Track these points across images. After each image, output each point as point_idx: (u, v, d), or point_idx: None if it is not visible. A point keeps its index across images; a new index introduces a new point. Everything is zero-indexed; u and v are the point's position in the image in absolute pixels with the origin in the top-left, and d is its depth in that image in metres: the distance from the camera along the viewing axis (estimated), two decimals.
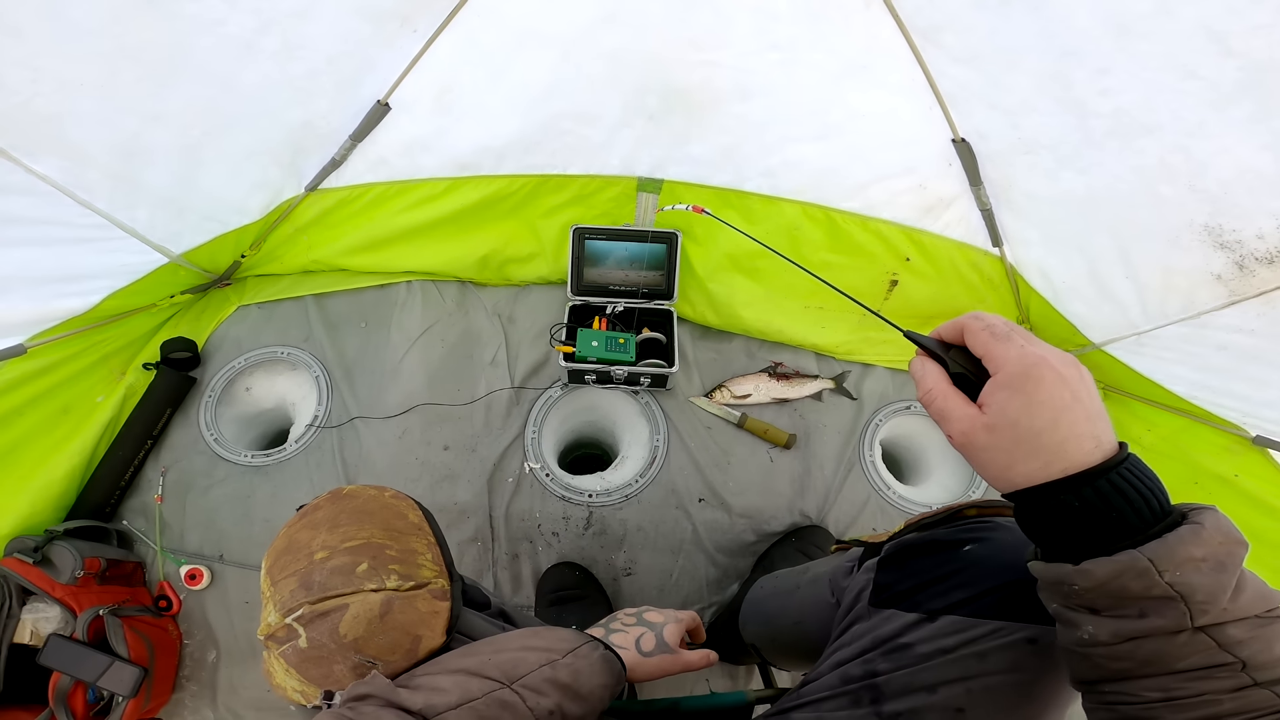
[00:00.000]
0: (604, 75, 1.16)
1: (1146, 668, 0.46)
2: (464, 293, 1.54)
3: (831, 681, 0.68)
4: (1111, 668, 0.48)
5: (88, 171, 1.05)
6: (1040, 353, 0.48)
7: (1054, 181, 1.10)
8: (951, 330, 0.54)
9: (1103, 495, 0.45)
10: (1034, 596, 0.58)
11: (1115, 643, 0.47)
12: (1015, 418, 0.47)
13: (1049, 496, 0.47)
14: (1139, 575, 0.44)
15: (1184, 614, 0.44)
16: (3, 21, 0.77)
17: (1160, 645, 0.45)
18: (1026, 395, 0.47)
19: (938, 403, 0.52)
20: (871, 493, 1.42)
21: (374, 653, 0.65)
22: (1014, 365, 0.48)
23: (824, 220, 1.35)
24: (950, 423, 0.51)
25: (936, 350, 0.53)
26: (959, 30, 0.94)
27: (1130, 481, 0.46)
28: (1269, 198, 0.89)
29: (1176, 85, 0.81)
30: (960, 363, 0.52)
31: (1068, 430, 0.46)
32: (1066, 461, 0.46)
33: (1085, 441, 0.46)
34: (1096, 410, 0.48)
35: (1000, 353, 0.49)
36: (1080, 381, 0.48)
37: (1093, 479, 0.46)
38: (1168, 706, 0.46)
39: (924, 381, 0.53)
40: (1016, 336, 0.49)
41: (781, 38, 1.05)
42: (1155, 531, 0.45)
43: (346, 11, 0.98)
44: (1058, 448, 0.46)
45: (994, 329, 0.50)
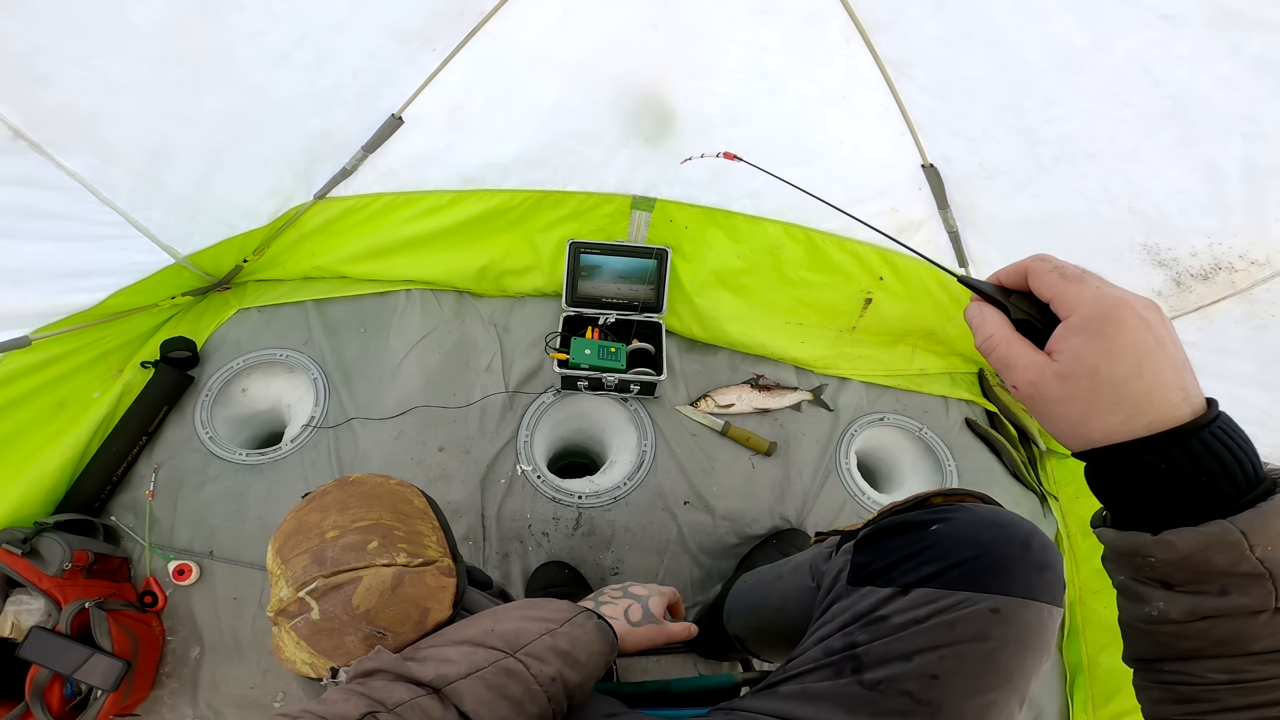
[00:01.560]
0: (607, 99, 1.26)
1: (1218, 648, 0.43)
2: (461, 302, 1.60)
3: (815, 655, 0.70)
4: (1179, 647, 0.45)
5: (114, 170, 1.10)
6: (1118, 294, 0.44)
7: (1011, 204, 1.21)
8: (1012, 274, 0.49)
9: (1193, 457, 0.41)
10: (995, 569, 0.63)
11: (1188, 621, 0.44)
12: (1093, 364, 0.43)
13: (1130, 456, 0.43)
14: (1228, 549, 0.41)
15: (1269, 593, 0.41)
16: (68, 20, 0.83)
17: (1238, 625, 0.42)
18: (1106, 339, 0.42)
19: (1000, 350, 0.47)
20: (847, 498, 1.49)
21: (385, 624, 0.68)
22: (1090, 307, 0.43)
23: (804, 240, 1.46)
24: (1015, 371, 0.47)
25: (996, 295, 0.49)
26: (927, 64, 1.06)
27: (1223, 442, 0.42)
28: (1199, 217, 0.99)
29: (1113, 113, 0.93)
30: (1023, 308, 0.48)
31: (1153, 379, 0.42)
32: (1151, 415, 0.42)
33: (1172, 393, 0.42)
34: (1183, 360, 0.44)
35: (1074, 294, 0.44)
36: (1164, 327, 0.44)
37: (1182, 438, 0.41)
38: (1233, 689, 0.43)
39: (983, 327, 0.49)
40: (1090, 278, 0.45)
41: (769, 69, 1.16)
42: (1248, 500, 0.41)
43: (377, 29, 1.07)
44: (1141, 399, 0.42)
45: (1064, 270, 0.46)
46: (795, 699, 0.69)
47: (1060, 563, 0.67)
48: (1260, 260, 0.97)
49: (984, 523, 0.67)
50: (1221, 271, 1.02)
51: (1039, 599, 0.63)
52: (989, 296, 0.50)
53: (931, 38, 1.02)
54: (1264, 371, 1.09)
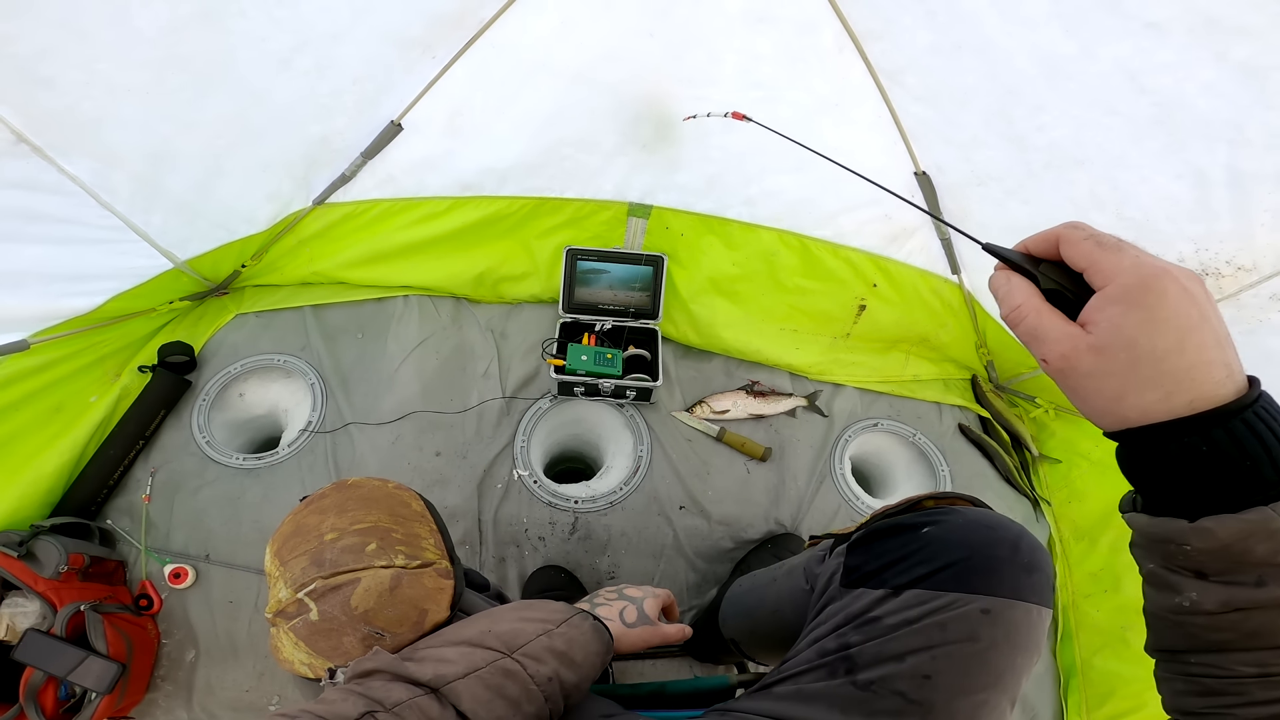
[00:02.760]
0: (604, 107, 1.27)
1: (1250, 641, 0.42)
2: (458, 308, 1.61)
3: (809, 656, 0.71)
4: (1208, 639, 0.44)
5: (115, 174, 1.11)
6: (1158, 264, 0.41)
7: (1003, 211, 1.23)
8: (1042, 243, 0.47)
9: (1237, 439, 0.39)
10: (985, 570, 0.63)
11: (1221, 613, 0.42)
12: (1133, 336, 0.40)
13: (1169, 437, 0.41)
14: (1270, 537, 0.39)
15: None
16: (72, 24, 0.84)
17: (1272, 618, 0.41)
18: (1147, 310, 0.40)
19: (1029, 320, 0.45)
20: (842, 503, 1.49)
21: (383, 624, 0.68)
22: (1130, 276, 0.41)
23: (798, 247, 1.47)
24: (1046, 344, 0.44)
25: (1024, 263, 0.47)
26: (919, 72, 1.08)
27: (1268, 423, 0.39)
28: (1186, 223, 1.01)
29: (1100, 121, 0.95)
30: (1054, 277, 0.45)
31: (1195, 354, 0.40)
32: (1194, 393, 0.40)
33: (1216, 370, 0.40)
34: (1225, 335, 0.41)
35: (1112, 262, 0.42)
36: (1208, 300, 0.41)
37: (1225, 418, 0.39)
38: (1261, 683, 0.42)
39: (1011, 297, 0.46)
40: (1129, 246, 0.43)
41: (764, 77, 1.18)
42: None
43: (377, 37, 1.08)
44: (1184, 374, 0.40)
45: (1100, 238, 0.43)
46: (790, 700, 0.69)
47: (1049, 564, 0.68)
48: (1247, 266, 0.99)
49: (974, 525, 0.67)
50: (1209, 277, 1.04)
51: (1028, 600, 0.63)
52: (1017, 265, 0.47)
53: (923, 47, 1.03)
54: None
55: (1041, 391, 1.57)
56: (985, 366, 1.65)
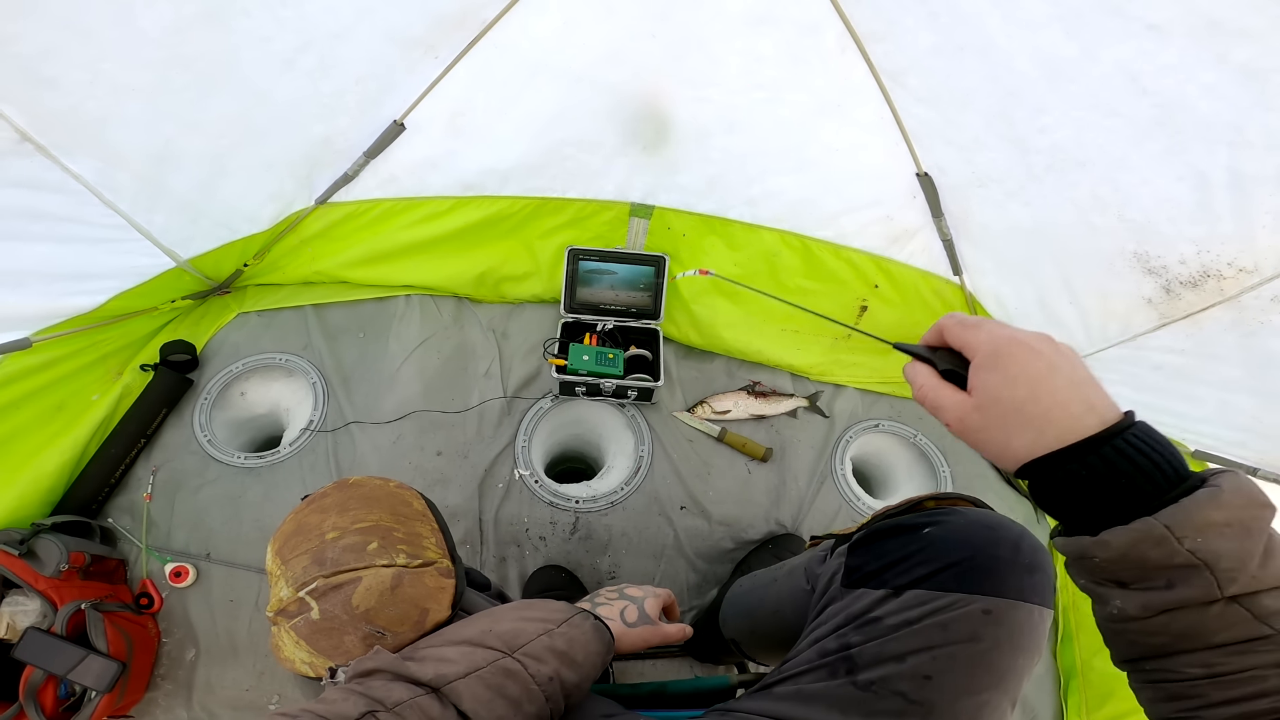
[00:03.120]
0: (606, 107, 1.28)
1: (1184, 642, 0.45)
2: (460, 308, 1.61)
3: (809, 656, 0.71)
4: (1149, 644, 0.48)
5: (118, 173, 1.12)
6: (1007, 332, 0.51)
7: (1004, 213, 1.23)
8: (933, 334, 0.57)
9: (1108, 462, 0.45)
10: (986, 571, 0.63)
11: (1146, 616, 0.46)
12: (996, 393, 0.49)
13: (1056, 468, 0.47)
14: (1157, 543, 0.43)
15: (1211, 583, 0.43)
16: (76, 24, 0.85)
17: (1194, 618, 0.44)
18: (1001, 371, 0.49)
19: (930, 397, 0.54)
20: (843, 504, 1.50)
21: (384, 624, 0.68)
22: (985, 346, 0.51)
23: (800, 248, 1.47)
24: (944, 411, 0.53)
25: (923, 354, 0.58)
26: (921, 73, 1.08)
27: (1137, 447, 0.45)
28: (1187, 225, 1.01)
29: (1101, 122, 0.95)
30: (947, 360, 0.55)
31: (1049, 399, 0.47)
32: (1058, 429, 0.47)
33: (1073, 407, 0.47)
34: (1081, 377, 0.49)
35: (973, 338, 0.52)
36: (1056, 353, 0.49)
37: (1096, 446, 0.45)
38: (1212, 683, 0.45)
39: (915, 380, 0.56)
40: (986, 323, 0.52)
41: (766, 78, 1.18)
42: (1172, 497, 0.44)
43: (380, 37, 1.09)
44: (1044, 417, 0.47)
45: (964, 321, 0.54)
46: (790, 700, 0.69)
47: (1050, 565, 0.68)
48: (1248, 268, 0.99)
49: (975, 525, 0.67)
50: (1210, 279, 1.04)
51: (1029, 600, 0.63)
52: (918, 355, 0.58)
53: (925, 48, 1.04)
54: (1253, 378, 1.10)
55: None
56: None
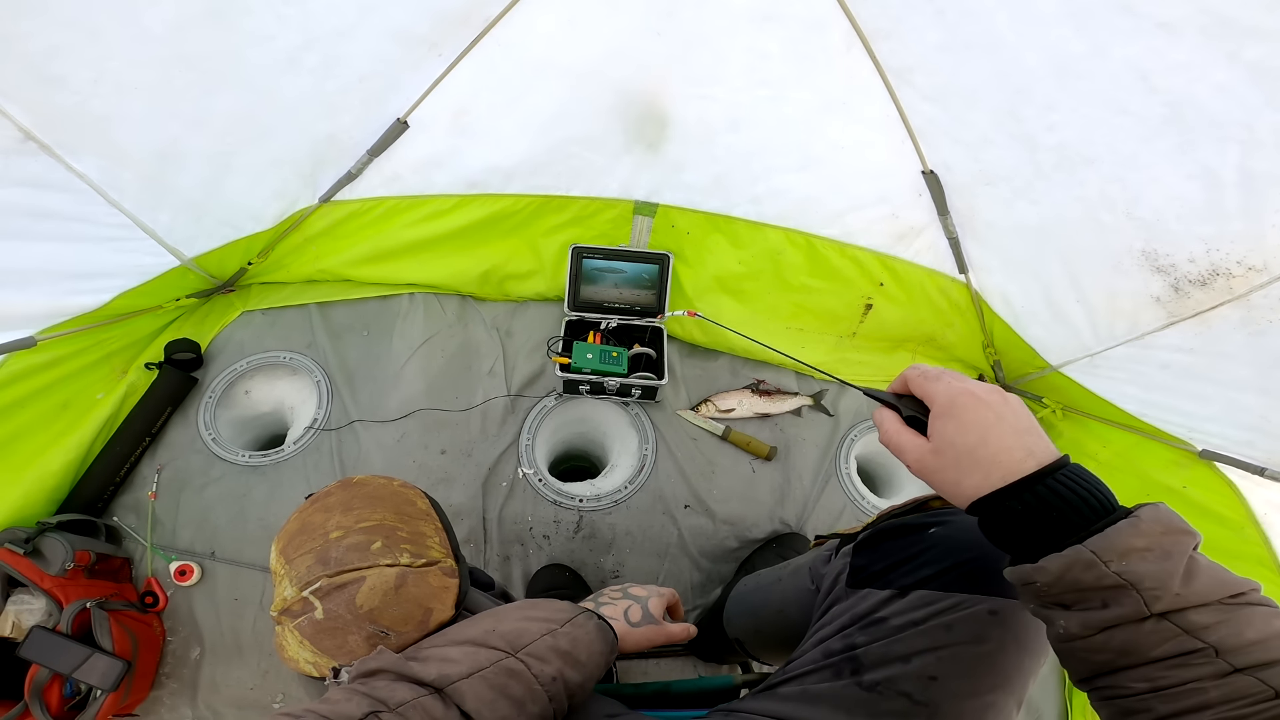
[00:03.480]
0: (610, 105, 1.27)
1: (1125, 658, 0.49)
2: (464, 306, 1.61)
3: (814, 657, 0.71)
4: (1095, 660, 0.51)
5: (123, 172, 1.12)
6: (962, 385, 0.57)
7: (1010, 211, 1.22)
8: (899, 382, 0.63)
9: (1040, 498, 0.51)
10: (993, 571, 0.63)
11: (1089, 634, 0.50)
12: (951, 439, 0.56)
13: (998, 504, 0.53)
14: (1087, 567, 0.48)
15: (1139, 601, 0.47)
16: (80, 23, 0.84)
17: (1130, 634, 0.48)
18: (956, 419, 0.56)
19: (893, 440, 0.61)
20: (847, 503, 1.49)
21: (388, 623, 0.68)
22: (943, 397, 0.57)
23: (805, 246, 1.47)
24: (906, 454, 0.59)
25: (890, 400, 0.63)
26: (928, 71, 1.07)
27: (1067, 485, 0.51)
28: (1197, 223, 1.00)
29: (1111, 120, 0.94)
30: (910, 407, 0.61)
31: (996, 444, 0.54)
32: (1003, 470, 0.53)
33: (1015, 452, 0.53)
34: (1025, 426, 0.55)
35: (931, 389, 0.58)
36: (1004, 404, 0.56)
37: (1031, 484, 0.52)
38: (1157, 697, 0.48)
39: (882, 426, 0.62)
40: (946, 376, 0.59)
41: (771, 76, 1.17)
42: (1099, 527, 0.49)
43: (383, 34, 1.08)
44: (991, 460, 0.53)
45: (926, 374, 0.60)
46: (795, 700, 0.69)
47: None
48: (1258, 266, 0.98)
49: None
50: (1219, 277, 1.03)
51: None
52: (885, 401, 0.63)
53: (932, 45, 1.03)
54: (1262, 377, 1.10)
55: (1049, 392, 1.56)
56: (992, 366, 1.64)
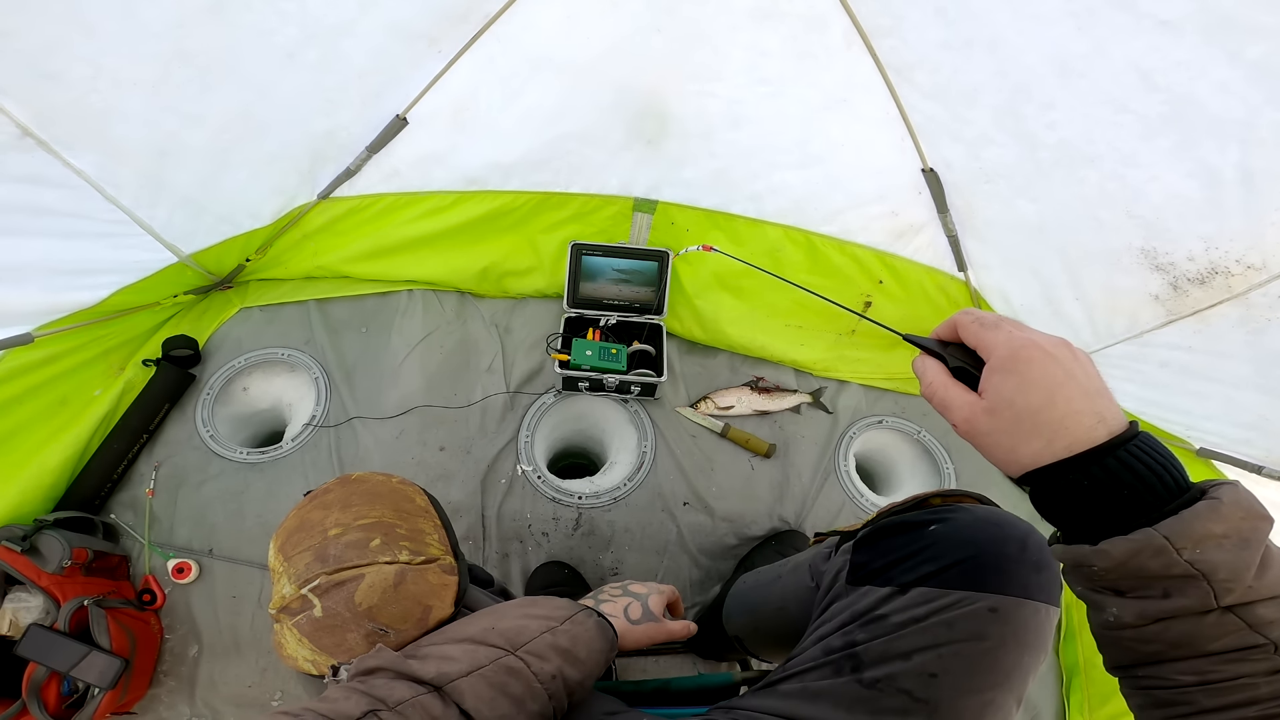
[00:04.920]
0: (609, 102, 1.27)
1: (1178, 650, 0.46)
2: (463, 303, 1.61)
3: (815, 654, 0.71)
4: (1142, 651, 0.48)
5: (121, 168, 1.11)
6: (1027, 335, 0.50)
7: (1010, 209, 1.22)
8: (946, 328, 0.56)
9: (1112, 473, 0.45)
10: (993, 568, 0.63)
11: (1142, 624, 0.46)
12: (1010, 398, 0.48)
13: (1059, 477, 0.47)
14: (1156, 553, 0.44)
15: (1208, 593, 0.43)
16: (78, 18, 0.84)
17: (1189, 626, 0.45)
18: (1019, 375, 0.48)
19: (939, 394, 0.54)
20: (846, 500, 1.49)
21: (387, 621, 0.68)
22: (1003, 349, 0.49)
23: (804, 243, 1.47)
24: (952, 411, 0.52)
25: (934, 348, 0.56)
26: (929, 68, 1.07)
27: (1140, 458, 0.46)
28: (1196, 221, 1.01)
29: (1111, 118, 0.94)
30: (958, 357, 0.54)
31: (1065, 407, 0.47)
32: (1069, 438, 0.47)
33: (1085, 418, 0.47)
34: (1095, 388, 0.48)
35: (990, 339, 0.51)
36: (1074, 360, 0.49)
37: (1100, 456, 0.46)
38: (1203, 690, 0.45)
39: (924, 376, 0.55)
40: (1005, 324, 0.51)
41: (771, 73, 1.17)
42: (1172, 508, 0.44)
43: (383, 30, 1.08)
44: (1057, 425, 0.47)
45: (982, 320, 0.52)
46: (795, 697, 0.69)
47: (1056, 563, 0.67)
48: (1257, 265, 0.98)
49: (981, 523, 0.67)
50: (1218, 276, 1.03)
51: (1036, 598, 0.63)
52: (929, 350, 0.56)
53: (933, 43, 1.03)
54: (1261, 375, 1.10)
55: None
56: None
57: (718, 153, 1.35)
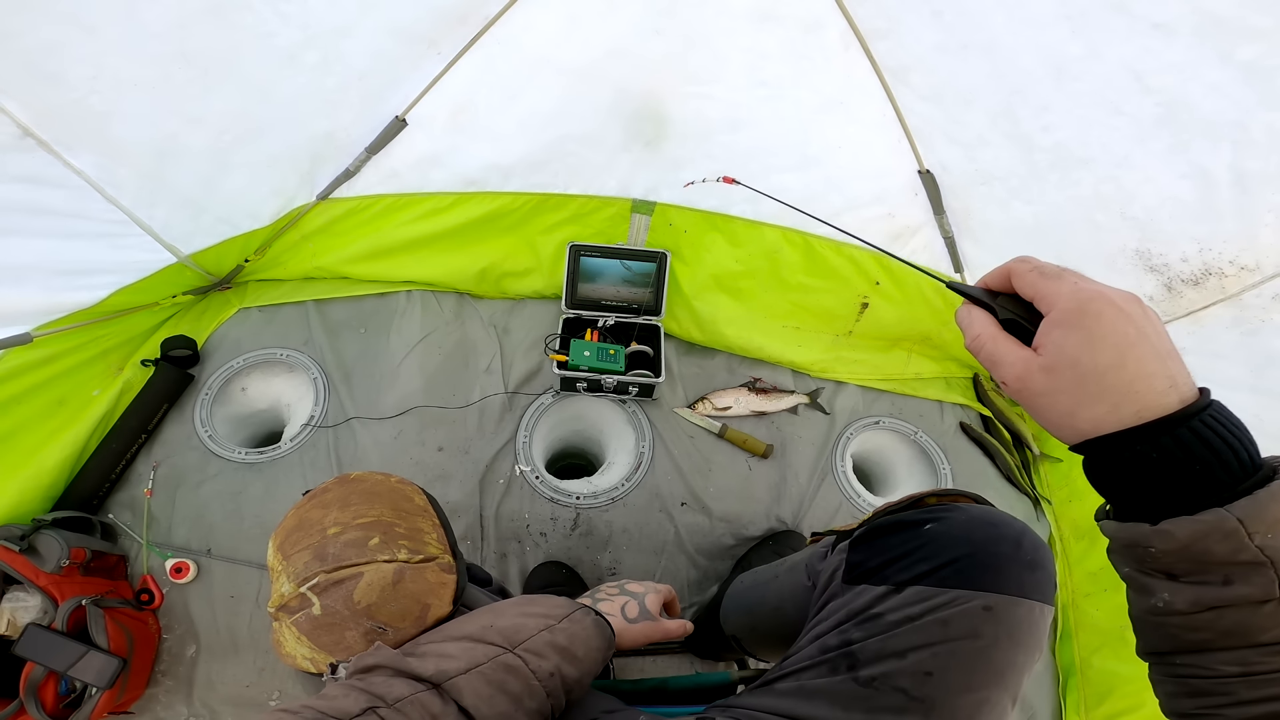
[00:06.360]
0: (608, 103, 1.27)
1: (1227, 640, 0.43)
2: (461, 304, 1.61)
3: (811, 653, 0.71)
4: (1188, 639, 0.45)
5: (120, 169, 1.12)
6: (1096, 288, 0.45)
7: (1006, 210, 1.23)
8: (997, 277, 0.51)
9: (1184, 445, 0.41)
10: (987, 567, 0.63)
11: (1194, 612, 0.44)
12: (1075, 355, 0.43)
13: (1122, 446, 0.43)
14: (1226, 537, 0.40)
15: (1273, 582, 0.40)
16: (80, 19, 0.84)
17: (1244, 616, 0.42)
18: (1086, 331, 0.43)
19: (987, 348, 0.49)
20: (843, 500, 1.50)
21: (385, 619, 0.69)
22: (1068, 300, 0.44)
23: (802, 245, 1.47)
24: (1003, 367, 0.48)
25: (982, 297, 0.51)
26: (925, 71, 1.08)
27: (1215, 430, 0.42)
28: (1189, 223, 1.01)
29: (1105, 121, 0.95)
30: (1009, 308, 0.49)
31: (1135, 368, 0.42)
32: (1138, 404, 0.42)
33: (1157, 381, 0.42)
34: (1167, 350, 0.44)
35: (1053, 290, 0.45)
36: (1145, 318, 0.44)
37: (1172, 426, 0.42)
38: (1245, 682, 0.43)
39: (971, 328, 0.50)
40: (1069, 274, 0.46)
41: (769, 75, 1.18)
42: (1245, 488, 0.41)
43: (383, 32, 1.08)
44: (1126, 388, 0.42)
45: (1043, 269, 0.47)
46: (791, 696, 0.69)
47: (1051, 562, 0.68)
48: (1250, 266, 0.99)
49: (976, 522, 0.67)
50: (1212, 277, 1.04)
51: (1030, 597, 0.64)
52: (976, 299, 0.51)
53: (929, 46, 1.04)
54: (1255, 376, 1.10)
55: None
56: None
57: (716, 154, 1.35)
